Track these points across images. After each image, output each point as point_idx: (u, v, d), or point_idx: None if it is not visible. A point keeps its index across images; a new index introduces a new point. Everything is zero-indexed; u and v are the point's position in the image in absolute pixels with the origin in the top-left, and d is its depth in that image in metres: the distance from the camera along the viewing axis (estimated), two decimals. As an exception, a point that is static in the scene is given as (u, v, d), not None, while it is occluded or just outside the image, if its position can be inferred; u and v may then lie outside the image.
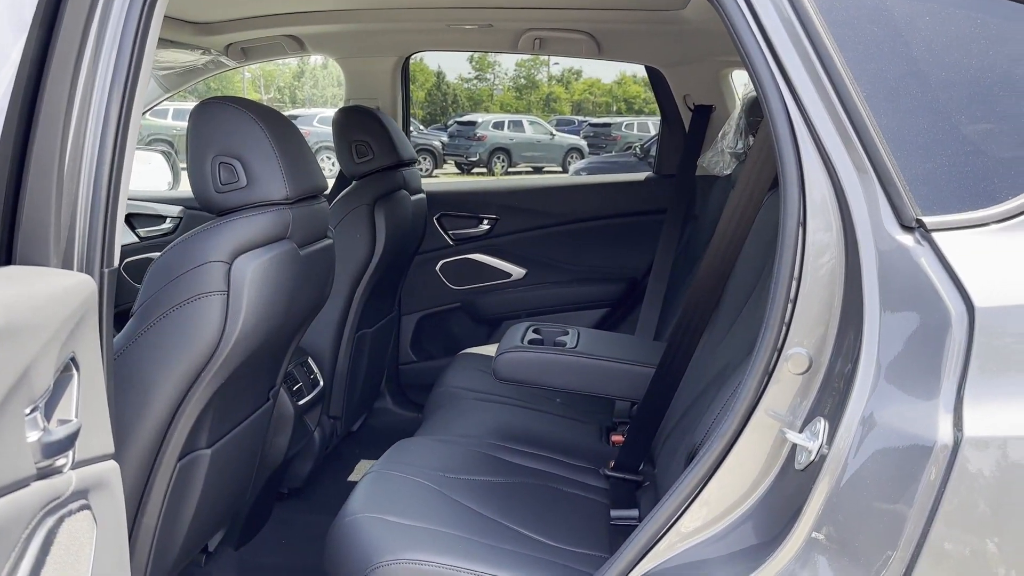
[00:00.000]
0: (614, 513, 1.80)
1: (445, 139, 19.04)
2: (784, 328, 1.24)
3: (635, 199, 3.09)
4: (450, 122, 21.49)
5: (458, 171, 18.74)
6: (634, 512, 1.80)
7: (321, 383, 2.43)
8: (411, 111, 3.29)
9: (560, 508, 1.83)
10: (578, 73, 41.63)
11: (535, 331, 2.29)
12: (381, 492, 1.72)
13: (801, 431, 1.21)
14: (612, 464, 1.99)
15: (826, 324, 1.23)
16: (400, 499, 1.70)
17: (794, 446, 1.22)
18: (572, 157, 18.58)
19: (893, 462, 1.09)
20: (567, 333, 2.28)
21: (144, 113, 3.17)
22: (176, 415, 1.54)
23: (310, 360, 2.41)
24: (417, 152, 2.82)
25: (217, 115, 1.61)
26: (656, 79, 2.97)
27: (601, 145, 19.33)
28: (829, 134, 1.21)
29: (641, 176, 3.16)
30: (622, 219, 3.07)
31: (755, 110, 2.46)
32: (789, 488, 1.22)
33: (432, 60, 34.53)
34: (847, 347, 1.19)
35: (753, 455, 1.26)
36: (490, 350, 2.84)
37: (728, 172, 2.68)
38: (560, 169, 18.44)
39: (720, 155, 2.74)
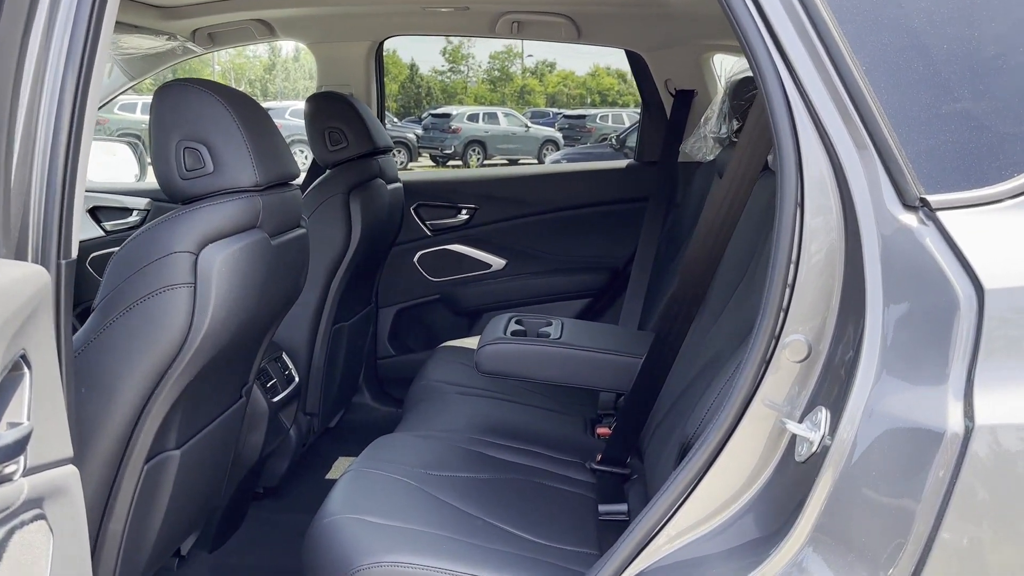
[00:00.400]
0: (602, 508, 1.74)
1: (419, 132, 18.91)
2: (782, 314, 1.18)
3: (616, 187, 3.03)
4: (424, 115, 21.36)
5: (433, 164, 18.65)
6: (623, 507, 1.74)
7: (296, 379, 2.35)
8: (385, 104, 3.21)
9: (546, 504, 1.77)
10: (552, 65, 41.70)
11: (518, 322, 2.23)
12: (360, 491, 1.66)
13: (801, 421, 1.15)
14: (599, 457, 1.93)
15: (826, 310, 1.17)
16: (380, 498, 1.63)
17: (794, 437, 1.17)
18: (547, 149, 18.55)
19: (900, 453, 1.04)
20: (550, 324, 2.22)
21: (107, 103, 3.07)
22: (142, 415, 1.46)
23: (284, 355, 2.33)
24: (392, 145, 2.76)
25: (181, 98, 1.53)
26: (637, 64, 2.91)
27: (576, 137, 19.33)
28: (827, 110, 1.16)
29: (622, 164, 3.10)
30: (603, 207, 3.01)
31: (739, 93, 2.41)
32: (790, 481, 1.16)
33: (405, 52, 34.36)
34: (848, 333, 1.14)
35: (751, 447, 1.21)
36: (470, 343, 2.77)
37: (711, 158, 2.63)
38: (536, 161, 18.37)
39: (703, 141, 2.68)
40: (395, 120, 22.01)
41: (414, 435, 2.00)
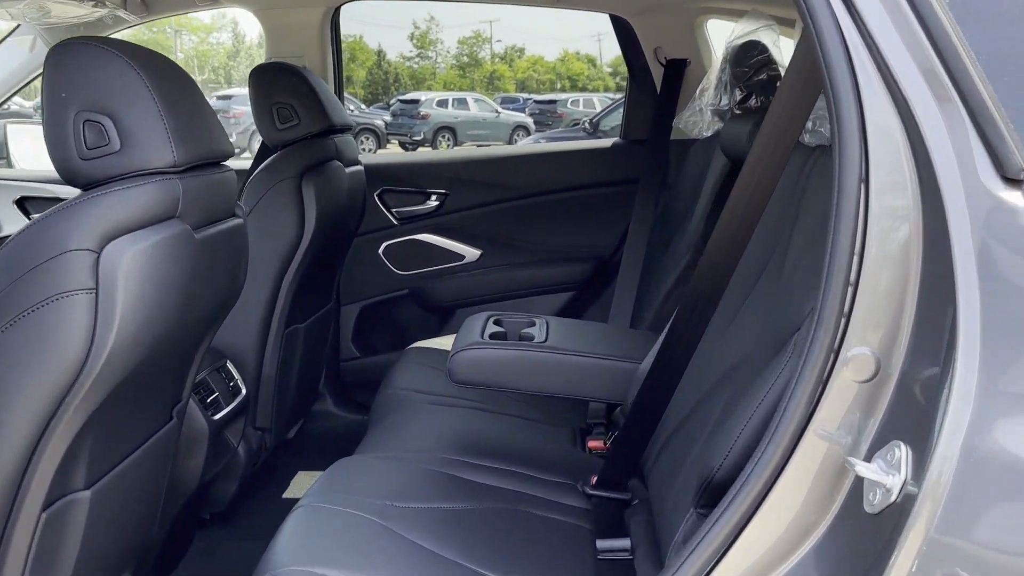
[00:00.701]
0: (601, 544, 1.48)
1: (388, 118, 18.54)
2: (843, 322, 0.92)
3: (601, 168, 2.75)
4: (392, 101, 20.97)
5: (402, 151, 18.32)
6: (625, 542, 1.48)
7: (244, 390, 2.06)
8: (352, 91, 2.90)
9: (534, 539, 1.50)
10: (521, 51, 41.65)
11: (496, 322, 1.96)
12: (312, 534, 1.38)
13: (870, 460, 0.89)
14: (594, 480, 1.66)
15: (899, 315, 0.91)
16: (335, 542, 1.36)
17: (859, 479, 0.91)
18: (518, 135, 18.30)
19: (1020, 504, 0.79)
20: (533, 324, 1.95)
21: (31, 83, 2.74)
22: (35, 453, 1.17)
23: (229, 364, 2.04)
24: (359, 132, 2.46)
25: (80, 60, 1.23)
26: (622, 31, 2.63)
27: (547, 122, 19.10)
28: (900, 58, 0.90)
29: (607, 142, 2.82)
30: (587, 191, 2.74)
31: (742, 59, 2.14)
32: (858, 536, 0.90)
33: (372, 38, 33.85)
34: (931, 344, 0.88)
35: (803, 490, 0.95)
36: (443, 343, 2.50)
37: (709, 133, 2.37)
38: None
39: (699, 115, 2.42)
40: (363, 107, 21.64)
41: (378, 457, 1.72)
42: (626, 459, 1.61)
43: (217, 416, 1.91)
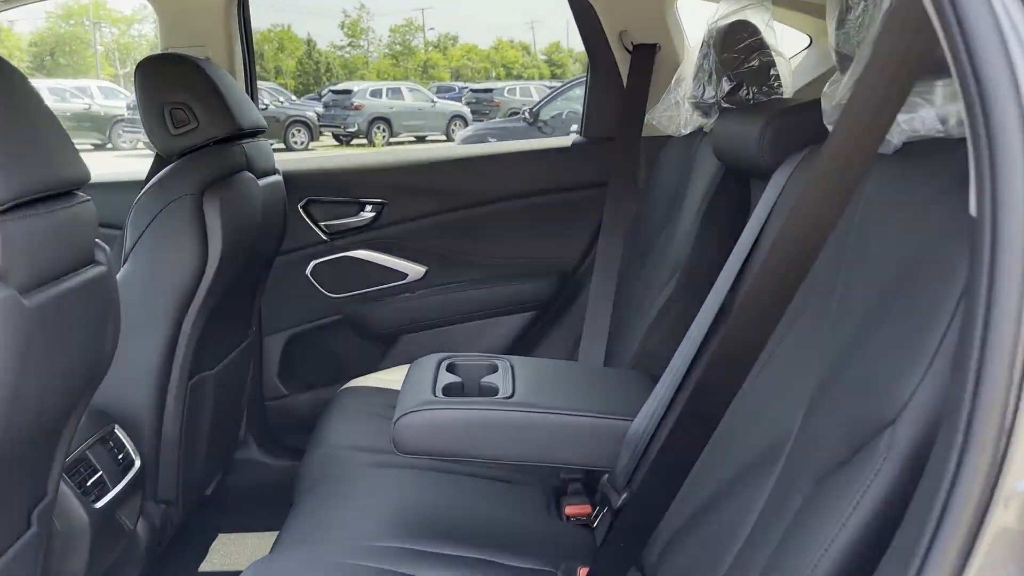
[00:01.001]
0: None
1: (320, 110, 17.94)
2: (1004, 434, 0.60)
3: (562, 170, 2.40)
4: (324, 91, 20.35)
5: (337, 143, 17.82)
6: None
7: (137, 461, 1.66)
8: (282, 81, 2.48)
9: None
10: (454, 39, 41.50)
11: (449, 368, 1.60)
12: None
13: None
14: (583, 574, 1.32)
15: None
16: None
17: None
18: (456, 124, 17.90)
19: None
20: (495, 369, 1.59)
21: None
22: None
23: (118, 430, 1.64)
24: (290, 124, 2.08)
25: None
26: (582, 14, 2.28)
27: (484, 111, 18.76)
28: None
29: (567, 141, 2.47)
30: (546, 196, 2.38)
31: (730, 43, 1.81)
32: None
33: (301, 28, 33.02)
34: None
35: None
36: (385, 378, 2.13)
37: (688, 131, 2.04)
38: (444, 138, 17.68)
39: (675, 108, 2.08)
40: (293, 98, 21.01)
41: (301, 557, 1.35)
42: (626, 551, 1.26)
43: (102, 502, 1.51)
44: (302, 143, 16.52)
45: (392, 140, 17.76)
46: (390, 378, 2.12)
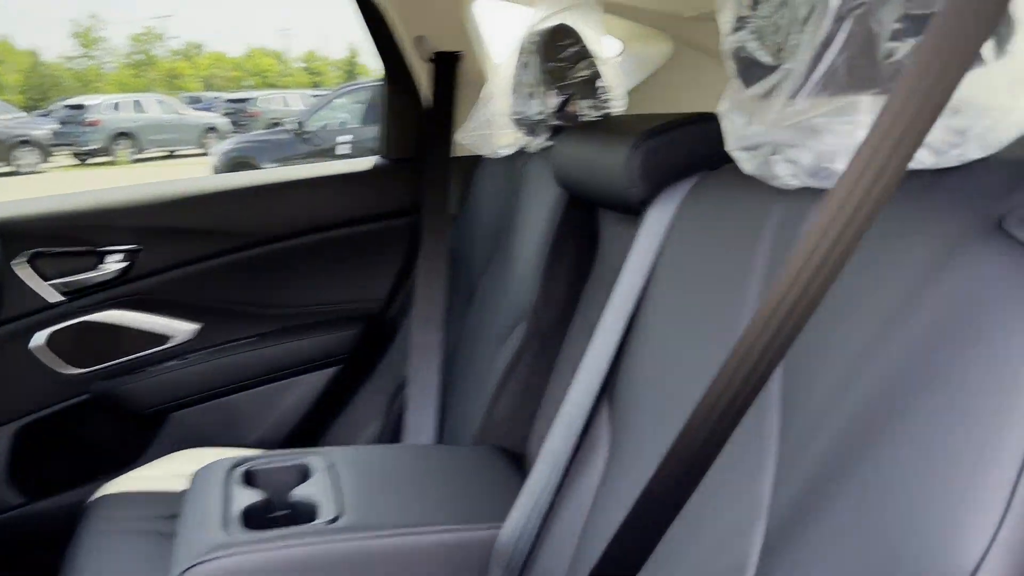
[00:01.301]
0: None
1: (56, 127, 16.08)
2: None
3: (361, 198, 2.03)
4: (56, 107, 18.31)
5: (78, 162, 16.14)
6: None
7: None
8: (6, 97, 1.91)
9: None
10: (199, 47, 39.88)
11: (247, 478, 1.21)
12: None
13: None
14: None
15: None
16: None
17: None
18: (210, 136, 16.77)
19: None
20: (307, 474, 1.22)
21: None
22: None
23: None
24: (17, 144, 1.56)
25: None
26: (372, 18, 1.93)
27: (241, 123, 17.73)
28: None
29: (366, 163, 2.11)
30: (345, 229, 2.00)
31: (553, 49, 1.56)
32: None
33: (22, 39, 29.91)
34: None
35: None
36: (151, 474, 1.67)
37: (507, 152, 1.76)
38: (200, 151, 16.48)
39: (487, 126, 1.80)
40: (24, 115, 18.75)
41: None
42: None
43: None
44: (30, 165, 14.71)
45: (139, 157, 16.34)
46: (156, 474, 1.67)
